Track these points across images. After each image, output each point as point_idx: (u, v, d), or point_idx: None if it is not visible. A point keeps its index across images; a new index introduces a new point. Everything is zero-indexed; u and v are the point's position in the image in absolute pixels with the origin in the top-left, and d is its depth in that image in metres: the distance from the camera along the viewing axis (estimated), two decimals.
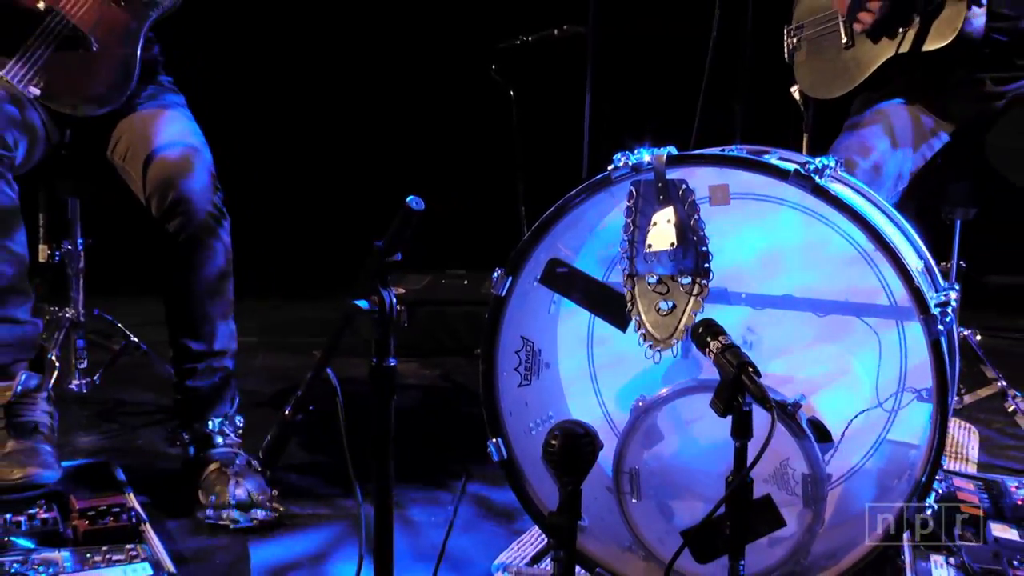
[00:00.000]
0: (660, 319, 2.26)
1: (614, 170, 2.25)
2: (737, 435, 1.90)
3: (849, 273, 2.20)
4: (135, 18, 2.97)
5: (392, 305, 1.94)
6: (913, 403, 2.19)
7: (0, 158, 2.74)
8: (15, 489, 2.64)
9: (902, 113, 2.99)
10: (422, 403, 3.67)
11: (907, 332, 2.18)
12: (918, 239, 2.34)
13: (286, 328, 4.46)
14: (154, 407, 3.43)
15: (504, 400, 2.38)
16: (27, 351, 2.87)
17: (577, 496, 1.94)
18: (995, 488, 2.78)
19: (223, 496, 2.70)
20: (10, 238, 2.78)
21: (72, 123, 2.98)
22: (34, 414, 2.82)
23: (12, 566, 2.28)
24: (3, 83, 2.86)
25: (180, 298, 2.91)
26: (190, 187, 2.82)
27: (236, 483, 2.72)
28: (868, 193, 2.34)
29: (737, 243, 2.26)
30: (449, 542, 2.50)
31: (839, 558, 2.21)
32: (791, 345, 2.24)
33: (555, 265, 2.33)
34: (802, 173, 2.13)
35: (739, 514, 1.93)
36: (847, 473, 2.25)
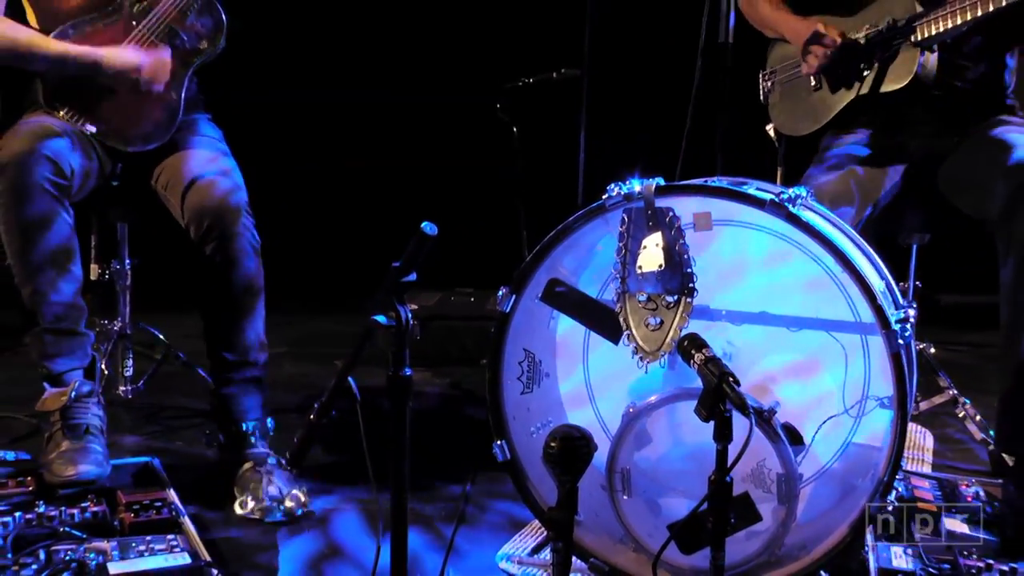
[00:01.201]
0: (649, 333, 2.25)
1: (608, 199, 2.26)
2: (719, 438, 1.89)
3: (819, 292, 2.19)
4: (180, 64, 2.98)
5: (408, 320, 1.94)
6: (876, 409, 2.19)
7: (59, 187, 2.75)
8: (69, 484, 2.64)
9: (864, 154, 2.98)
10: (434, 409, 3.66)
11: (870, 345, 2.18)
12: (879, 262, 2.34)
13: (312, 340, 4.45)
14: (192, 411, 3.42)
15: (508, 406, 2.38)
16: (81, 360, 2.88)
17: (574, 493, 1.94)
18: (948, 487, 2.79)
19: (257, 492, 2.69)
20: (67, 258, 2.80)
21: (122, 157, 2.99)
22: (86, 417, 2.81)
23: (67, 554, 2.29)
24: (63, 121, 2.87)
25: (216, 313, 2.91)
26: (224, 214, 2.82)
27: (268, 481, 2.71)
28: (835, 220, 2.34)
29: (718, 265, 2.25)
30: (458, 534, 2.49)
31: (810, 549, 2.20)
32: (767, 357, 2.23)
33: (554, 284, 2.32)
34: (777, 202, 2.14)
35: (720, 510, 1.92)
36: (817, 473, 2.24)
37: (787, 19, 3.15)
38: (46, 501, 2.55)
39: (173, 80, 2.96)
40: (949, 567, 2.35)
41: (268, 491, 2.68)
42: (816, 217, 2.22)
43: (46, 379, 2.85)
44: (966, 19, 2.79)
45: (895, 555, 2.38)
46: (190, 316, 3.00)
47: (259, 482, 2.72)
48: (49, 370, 2.84)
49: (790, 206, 2.14)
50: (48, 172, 2.72)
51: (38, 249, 2.75)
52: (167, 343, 3.67)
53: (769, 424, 2.11)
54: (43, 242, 2.75)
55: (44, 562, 2.27)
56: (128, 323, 3.51)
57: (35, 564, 2.25)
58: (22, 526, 2.41)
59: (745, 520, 2.12)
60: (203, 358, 3.06)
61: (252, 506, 2.68)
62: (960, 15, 2.79)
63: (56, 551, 2.30)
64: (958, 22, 2.81)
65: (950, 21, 2.82)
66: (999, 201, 2.70)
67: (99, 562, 2.27)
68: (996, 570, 2.32)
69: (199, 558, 2.32)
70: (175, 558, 2.31)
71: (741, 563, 2.19)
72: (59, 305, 2.80)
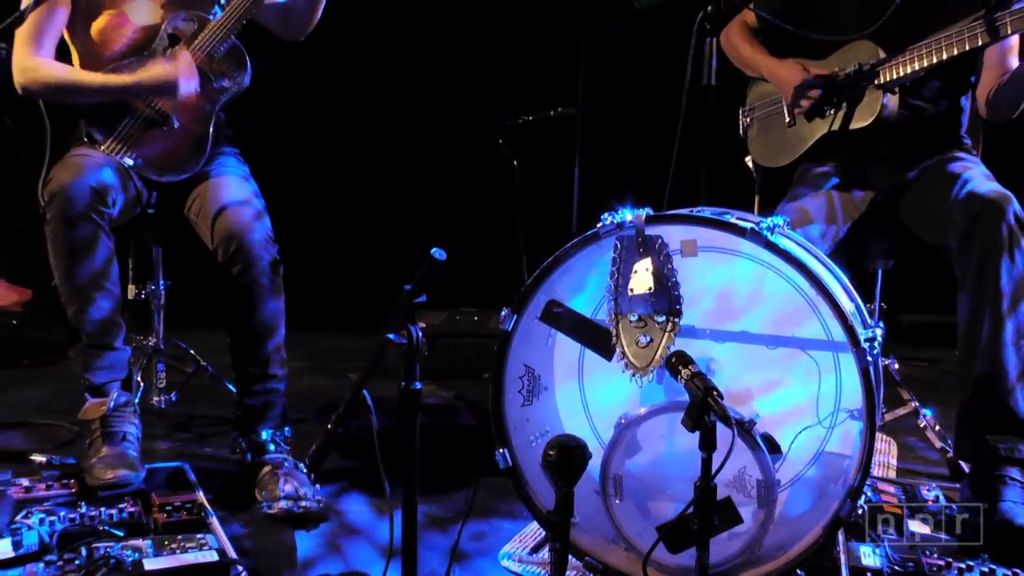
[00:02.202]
0: (640, 350, 2.25)
1: (601, 227, 2.26)
2: (703, 447, 1.90)
3: (794, 313, 2.19)
4: (209, 101, 2.98)
5: (418, 338, 1.94)
6: (847, 420, 2.18)
7: (101, 214, 2.76)
8: (108, 487, 2.65)
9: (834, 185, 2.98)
10: (441, 419, 3.64)
11: (841, 362, 2.17)
12: (849, 285, 2.34)
13: (328, 355, 4.44)
14: (220, 420, 3.40)
15: (509, 417, 2.37)
16: (119, 373, 2.88)
17: (570, 497, 1.94)
18: (910, 491, 2.79)
19: (275, 492, 2.68)
20: (107, 279, 2.80)
21: (157, 187, 2.99)
22: (123, 425, 2.82)
23: (106, 550, 2.29)
24: (105, 155, 2.88)
25: (241, 331, 2.90)
26: (249, 240, 2.81)
27: (285, 481, 2.71)
28: (809, 247, 2.34)
29: (703, 288, 2.24)
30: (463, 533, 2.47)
31: (787, 549, 2.19)
32: (747, 373, 2.22)
33: (552, 305, 2.32)
34: (756, 230, 2.15)
35: (705, 513, 1.92)
36: (793, 479, 2.22)
37: (766, 60, 3.16)
38: (87, 502, 2.57)
39: (202, 116, 2.97)
40: (913, 565, 2.37)
41: (285, 490, 2.68)
42: (792, 244, 2.22)
43: (87, 390, 2.86)
44: (923, 65, 2.81)
45: (864, 554, 2.39)
46: (218, 332, 2.99)
47: (277, 483, 2.71)
48: (90, 382, 2.85)
49: (768, 234, 2.15)
50: (92, 201, 2.73)
51: (82, 272, 2.75)
52: (197, 357, 3.66)
53: (750, 434, 2.11)
54: (86, 265, 2.75)
55: (86, 558, 2.28)
56: (162, 339, 3.50)
57: (78, 560, 2.27)
58: (66, 525, 2.42)
59: (727, 522, 2.10)
60: (229, 371, 3.05)
61: (271, 504, 2.67)
62: (918, 61, 2.82)
63: (96, 548, 2.31)
64: (916, 67, 2.83)
65: (909, 66, 2.84)
66: (956, 231, 2.70)
67: (135, 559, 2.28)
68: (955, 568, 2.33)
69: (225, 555, 2.33)
70: (204, 555, 2.31)
71: (724, 562, 2.18)
72: (100, 323, 2.81)
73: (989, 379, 2.63)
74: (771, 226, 2.18)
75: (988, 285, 2.62)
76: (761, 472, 2.14)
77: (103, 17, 2.95)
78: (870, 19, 2.86)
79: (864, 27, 2.89)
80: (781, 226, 2.23)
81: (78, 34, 2.98)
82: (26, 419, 3.40)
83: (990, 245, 2.61)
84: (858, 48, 2.97)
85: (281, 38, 3.13)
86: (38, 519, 2.43)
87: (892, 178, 2.99)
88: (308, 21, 3.06)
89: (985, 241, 2.62)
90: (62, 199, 2.71)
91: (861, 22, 2.90)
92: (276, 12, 3.05)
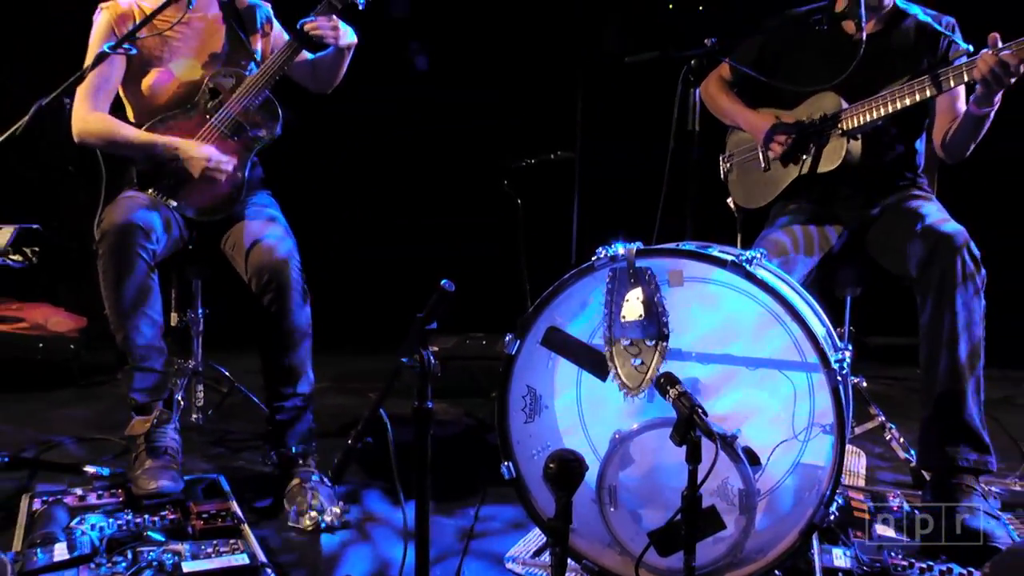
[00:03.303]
0: (632, 372, 2.23)
1: (596, 259, 2.25)
2: (690, 460, 1.88)
3: (772, 337, 2.18)
4: (244, 149, 2.99)
5: (430, 361, 1.93)
6: (819, 435, 2.17)
7: (147, 251, 2.77)
8: (151, 496, 2.64)
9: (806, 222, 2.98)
10: (451, 434, 3.62)
11: (814, 381, 2.16)
12: (820, 311, 2.34)
13: (351, 376, 4.42)
14: (252, 435, 3.39)
15: (513, 433, 2.35)
16: (161, 392, 2.88)
17: (569, 506, 1.92)
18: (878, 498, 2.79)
19: (303, 504, 2.67)
20: (152, 308, 2.81)
21: (197, 225, 3.00)
22: (165, 440, 2.81)
23: (149, 553, 2.30)
24: (151, 198, 2.89)
25: (271, 353, 2.90)
26: (279, 272, 2.82)
27: (313, 495, 2.69)
28: (784, 277, 2.34)
29: (688, 315, 2.24)
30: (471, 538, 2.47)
31: (766, 552, 2.18)
32: (729, 391, 2.21)
33: (552, 331, 2.31)
34: (737, 262, 2.15)
35: (691, 519, 1.91)
36: (771, 488, 2.21)
37: (742, 111, 3.17)
38: (133, 510, 2.58)
39: (238, 162, 2.98)
40: (879, 565, 2.36)
41: (312, 504, 2.66)
42: (769, 274, 2.22)
43: (134, 408, 2.85)
44: (881, 114, 2.84)
45: (836, 556, 2.38)
46: (251, 356, 2.98)
47: (304, 496, 2.69)
48: (136, 401, 2.84)
49: (747, 266, 2.15)
50: (140, 239, 2.74)
51: (130, 302, 2.76)
52: (232, 379, 3.65)
53: (731, 448, 2.11)
54: (134, 296, 2.76)
55: (131, 560, 2.29)
56: (200, 362, 3.50)
57: (124, 562, 2.28)
58: (114, 530, 2.43)
59: (712, 528, 2.09)
60: (261, 391, 3.04)
61: (299, 517, 2.65)
62: (876, 111, 2.84)
63: (141, 551, 2.32)
64: (875, 116, 2.86)
65: (868, 115, 2.87)
66: (915, 261, 2.70)
67: (175, 561, 2.28)
68: (917, 567, 2.33)
69: (256, 559, 2.33)
70: (237, 559, 2.31)
71: (709, 564, 2.17)
72: (145, 347, 2.81)
73: (947, 396, 2.63)
74: (750, 258, 2.18)
75: (945, 310, 2.62)
76: (742, 482, 2.13)
77: (151, 74, 2.98)
78: (833, 73, 2.87)
79: (828, 80, 2.90)
80: (759, 258, 2.22)
81: (130, 89, 3.01)
82: (80, 434, 3.40)
83: (946, 274, 2.61)
84: (823, 99, 2.99)
85: (310, 90, 3.15)
86: (89, 525, 2.44)
87: (858, 215, 2.99)
88: (335, 75, 3.11)
89: (942, 271, 2.62)
90: (112, 237, 2.72)
91: (825, 76, 2.91)
92: (306, 68, 3.08)
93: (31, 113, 2.60)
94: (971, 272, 2.61)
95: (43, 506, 2.56)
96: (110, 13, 2.96)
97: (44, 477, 2.93)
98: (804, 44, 3.04)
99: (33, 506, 2.59)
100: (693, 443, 1.88)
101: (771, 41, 3.12)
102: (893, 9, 2.97)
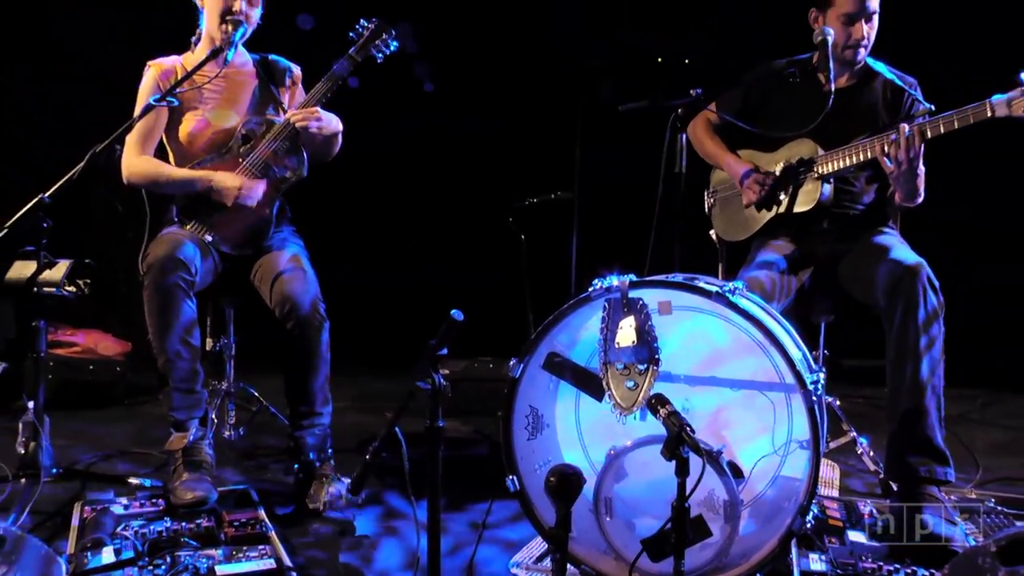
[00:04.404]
0: (626, 393, 2.23)
1: (593, 291, 2.26)
2: (679, 474, 1.88)
3: (753, 361, 2.18)
4: (273, 188, 3.02)
5: (440, 384, 1.94)
6: (797, 450, 2.17)
7: (187, 282, 2.79)
8: (188, 506, 2.64)
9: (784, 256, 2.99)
10: (460, 450, 3.60)
11: (792, 401, 2.16)
12: (797, 336, 2.34)
13: (368, 396, 4.40)
14: (278, 450, 3.38)
15: (517, 449, 2.35)
16: (198, 411, 2.88)
17: (568, 516, 1.92)
18: (850, 507, 2.78)
19: (320, 494, 2.73)
20: (190, 334, 2.82)
21: (229, 258, 3.01)
22: (201, 454, 2.82)
23: (186, 557, 2.31)
24: (190, 233, 2.90)
25: (294, 376, 2.91)
26: (301, 302, 2.84)
27: (328, 486, 2.76)
28: (764, 306, 2.34)
29: (677, 341, 2.24)
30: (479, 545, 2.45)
31: (749, 557, 2.17)
32: (715, 411, 2.22)
33: (553, 356, 2.31)
34: (721, 293, 2.15)
35: (681, 528, 1.91)
36: (754, 499, 2.21)
37: (725, 155, 3.19)
38: (172, 517, 2.58)
39: (267, 200, 3.00)
40: (852, 569, 2.36)
41: (329, 492, 2.73)
42: (750, 304, 2.22)
43: (172, 425, 2.86)
44: (851, 162, 2.87)
45: (812, 560, 2.38)
46: (277, 378, 2.99)
47: (322, 487, 2.75)
48: (175, 419, 2.85)
49: (730, 296, 2.16)
50: (180, 271, 2.76)
51: (170, 328, 2.77)
52: (260, 399, 3.64)
53: (717, 462, 2.10)
54: (174, 323, 2.77)
55: (170, 563, 2.29)
56: (232, 383, 3.50)
57: (163, 565, 2.29)
58: (155, 536, 2.45)
59: (700, 536, 2.08)
60: (286, 409, 3.04)
61: (317, 503, 2.69)
62: (847, 158, 2.88)
63: (179, 555, 2.33)
64: (845, 164, 2.89)
65: (840, 163, 2.91)
66: (882, 290, 2.71)
67: (210, 565, 2.29)
68: (885, 570, 2.34)
69: (282, 563, 2.33)
70: (265, 563, 2.31)
71: (697, 569, 2.15)
72: (183, 370, 2.82)
73: (912, 413, 2.63)
74: (732, 289, 2.19)
75: (909, 334, 2.62)
76: (727, 493, 2.12)
77: (188, 122, 3.01)
78: (807, 121, 2.88)
79: (803, 127, 2.92)
80: (741, 289, 2.23)
81: (171, 136, 3.05)
82: (125, 448, 3.39)
83: (910, 303, 2.62)
84: (801, 144, 3.00)
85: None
86: (133, 531, 2.46)
87: (831, 250, 3.00)
88: (327, 153, 3.13)
89: (906, 299, 2.63)
90: (156, 270, 2.74)
91: (800, 123, 2.93)
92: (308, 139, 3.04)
93: (86, 159, 2.65)
94: (931, 300, 2.63)
95: (93, 513, 2.57)
96: (156, 70, 3.02)
97: (93, 487, 2.93)
98: (782, 94, 3.07)
99: (84, 513, 2.61)
100: (682, 458, 1.88)
101: (753, 90, 3.14)
102: (864, 66, 3.00)
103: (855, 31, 2.90)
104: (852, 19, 2.89)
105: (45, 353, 2.94)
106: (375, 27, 3.04)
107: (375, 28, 3.04)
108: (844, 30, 2.90)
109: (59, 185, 2.66)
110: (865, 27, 2.90)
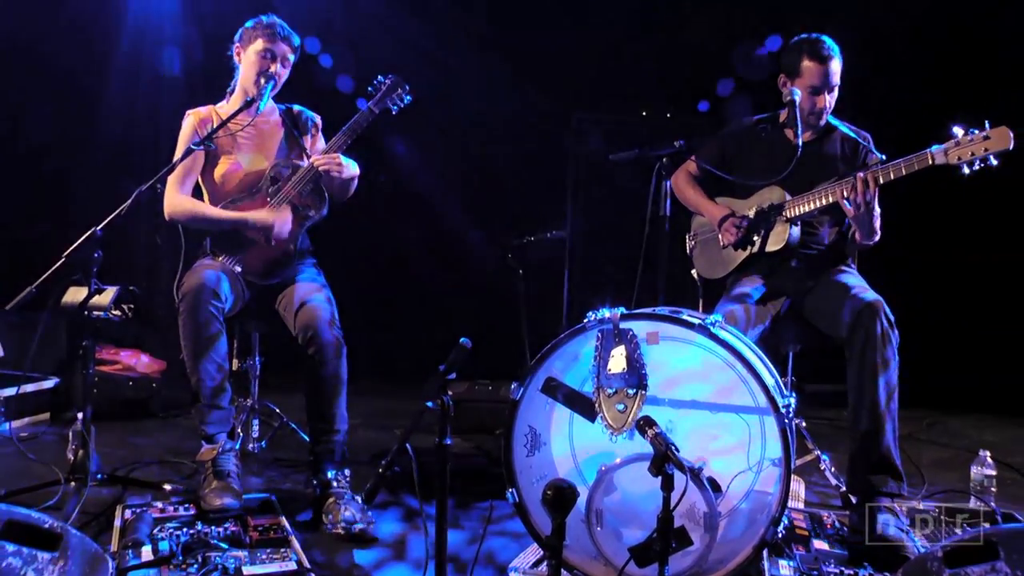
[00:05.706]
0: (616, 415, 2.23)
1: (587, 321, 2.27)
2: (664, 488, 1.89)
3: (731, 386, 2.19)
4: (297, 225, 3.02)
5: (449, 405, 1.93)
6: (769, 467, 2.17)
7: (218, 308, 2.79)
8: (216, 511, 2.63)
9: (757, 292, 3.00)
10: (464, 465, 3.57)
11: (765, 423, 2.16)
12: (770, 364, 2.34)
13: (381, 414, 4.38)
14: (298, 462, 3.36)
15: (517, 464, 2.34)
16: (226, 425, 2.87)
17: (562, 526, 1.92)
18: (815, 518, 2.79)
19: (337, 516, 2.65)
20: (220, 356, 2.81)
21: (256, 288, 3.01)
22: (228, 465, 2.79)
23: (216, 557, 2.31)
24: (221, 264, 2.90)
25: (313, 395, 2.89)
26: (320, 328, 2.83)
27: (345, 508, 2.67)
28: (741, 337, 2.35)
29: (664, 368, 2.24)
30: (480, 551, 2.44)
31: (726, 563, 2.16)
32: (696, 432, 2.21)
33: (550, 381, 2.31)
34: (703, 325, 2.16)
35: (665, 537, 1.91)
36: (730, 511, 2.20)
37: (704, 202, 3.22)
38: (202, 521, 2.57)
39: (291, 236, 3.00)
40: (816, 573, 2.36)
41: (345, 516, 2.64)
42: (729, 335, 2.23)
43: (203, 438, 2.84)
44: (814, 207, 2.91)
45: (782, 566, 2.38)
46: (298, 396, 2.97)
47: (338, 509, 2.67)
48: (205, 432, 2.83)
49: (711, 327, 2.17)
50: (212, 299, 2.76)
51: (203, 351, 2.77)
52: (282, 415, 3.64)
53: (698, 478, 2.09)
54: (206, 346, 2.77)
55: (200, 563, 2.28)
56: (256, 401, 3.48)
57: (195, 565, 2.27)
58: (188, 538, 2.44)
59: (682, 544, 2.07)
60: (305, 425, 3.02)
61: (334, 526, 2.63)
62: (812, 203, 2.92)
63: (209, 557, 2.31)
64: (810, 208, 2.93)
65: (805, 207, 2.94)
66: (843, 323, 2.73)
67: (237, 565, 2.28)
68: (846, 574, 2.35)
69: (302, 564, 2.32)
70: (286, 565, 2.31)
71: (679, 574, 2.15)
72: (212, 388, 2.81)
73: (870, 433, 2.63)
74: (713, 322, 2.20)
75: (868, 363, 2.63)
76: (707, 506, 2.12)
77: (222, 164, 3.02)
78: (777, 171, 2.93)
79: (773, 176, 2.95)
80: (720, 321, 2.25)
81: (206, 177, 3.06)
82: (161, 458, 3.37)
83: (869, 334, 2.64)
84: (771, 191, 3.03)
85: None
86: (168, 532, 2.45)
87: (798, 286, 3.01)
88: (344, 194, 3.10)
89: (866, 332, 2.65)
90: (190, 298, 2.75)
91: (770, 173, 2.97)
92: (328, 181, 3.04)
93: (132, 197, 2.66)
94: (887, 332, 2.65)
95: (132, 516, 2.56)
96: (194, 118, 3.05)
97: (133, 492, 2.91)
98: (754, 147, 3.11)
99: (125, 515, 2.60)
100: (667, 475, 1.88)
101: (729, 143, 3.18)
102: (826, 125, 3.04)
103: (819, 101, 2.96)
104: (817, 91, 2.94)
105: (92, 370, 2.93)
106: (391, 82, 3.06)
107: (391, 83, 3.06)
108: (810, 99, 2.96)
109: (109, 219, 2.67)
110: (828, 97, 2.97)
